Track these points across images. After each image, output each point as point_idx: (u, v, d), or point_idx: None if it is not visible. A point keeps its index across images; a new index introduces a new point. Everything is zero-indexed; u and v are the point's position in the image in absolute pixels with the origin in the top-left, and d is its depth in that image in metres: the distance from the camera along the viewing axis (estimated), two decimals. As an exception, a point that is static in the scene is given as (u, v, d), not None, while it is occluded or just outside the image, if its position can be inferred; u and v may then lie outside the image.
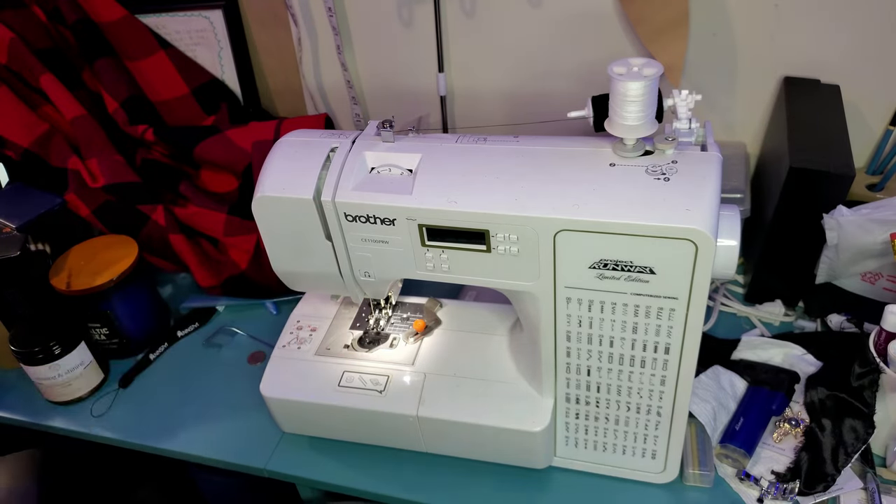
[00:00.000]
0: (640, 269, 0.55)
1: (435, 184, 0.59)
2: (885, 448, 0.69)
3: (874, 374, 0.68)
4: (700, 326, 0.57)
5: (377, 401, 0.71)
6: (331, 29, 1.04)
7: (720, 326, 0.87)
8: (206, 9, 1.10)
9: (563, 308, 0.60)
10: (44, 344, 0.80)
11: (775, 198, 0.78)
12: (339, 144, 0.63)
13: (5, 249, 0.85)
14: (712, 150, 0.56)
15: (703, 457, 0.69)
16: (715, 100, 0.96)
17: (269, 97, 1.20)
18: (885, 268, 0.76)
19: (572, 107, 0.58)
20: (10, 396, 0.88)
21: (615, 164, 0.56)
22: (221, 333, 0.94)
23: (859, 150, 0.85)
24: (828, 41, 0.88)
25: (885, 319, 0.67)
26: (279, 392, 0.73)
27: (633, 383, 0.63)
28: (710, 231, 0.51)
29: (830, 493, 0.66)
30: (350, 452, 0.76)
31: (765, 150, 0.95)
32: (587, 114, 0.58)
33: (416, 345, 0.76)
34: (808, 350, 0.79)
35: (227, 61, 1.14)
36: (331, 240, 0.64)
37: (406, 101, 1.11)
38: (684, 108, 0.56)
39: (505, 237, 0.57)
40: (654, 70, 0.52)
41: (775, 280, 0.86)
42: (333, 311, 0.81)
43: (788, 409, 0.74)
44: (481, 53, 1.03)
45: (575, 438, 0.70)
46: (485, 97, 1.07)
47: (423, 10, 1.01)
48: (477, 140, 0.62)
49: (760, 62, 0.92)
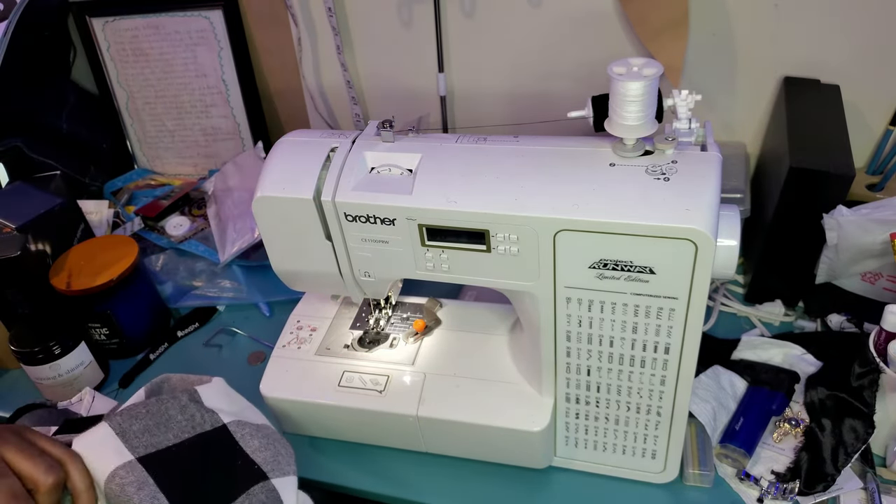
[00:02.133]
0: (640, 269, 0.55)
1: (435, 184, 0.59)
2: (885, 448, 0.69)
3: (874, 374, 0.68)
4: (700, 326, 0.57)
5: (377, 401, 0.71)
6: (331, 29, 1.04)
7: (720, 326, 0.87)
8: (206, 9, 1.10)
9: (563, 308, 0.60)
10: (44, 344, 0.80)
11: (775, 198, 0.78)
12: (339, 144, 0.63)
13: (5, 249, 0.85)
14: (712, 150, 0.56)
15: (703, 457, 0.69)
16: (715, 100, 0.96)
17: (269, 97, 1.20)
18: (885, 268, 0.76)
19: (572, 107, 0.58)
20: (10, 396, 0.88)
21: (615, 164, 0.56)
22: (221, 333, 0.94)
23: (859, 150, 0.85)
24: (828, 41, 0.88)
25: (885, 319, 0.67)
26: (279, 392, 0.73)
27: (633, 383, 0.63)
28: (710, 231, 0.51)
29: (830, 493, 0.66)
30: (350, 452, 0.76)
31: (765, 150, 0.95)
32: (587, 114, 0.58)
33: (416, 345, 0.76)
34: (808, 350, 0.79)
35: (227, 61, 1.14)
36: (331, 240, 0.64)
37: (406, 101, 1.11)
38: (684, 108, 0.56)
39: (505, 237, 0.57)
40: (654, 70, 0.52)
41: (775, 280, 0.86)
42: (333, 311, 0.81)
43: (788, 409, 0.74)
44: (481, 53, 1.03)
45: (575, 438, 0.70)
46: (485, 97, 1.07)
47: (423, 10, 1.01)
48: (477, 140, 0.62)
49: (760, 62, 0.92)
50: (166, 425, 0.56)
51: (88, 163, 1.19)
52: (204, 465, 0.56)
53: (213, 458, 0.57)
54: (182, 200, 1.12)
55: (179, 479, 0.54)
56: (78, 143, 1.18)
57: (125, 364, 0.90)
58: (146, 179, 1.24)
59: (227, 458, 0.57)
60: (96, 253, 0.88)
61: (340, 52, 1.06)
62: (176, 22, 1.12)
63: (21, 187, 0.97)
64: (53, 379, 0.82)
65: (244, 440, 0.58)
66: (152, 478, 0.53)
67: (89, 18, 1.14)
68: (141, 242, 1.05)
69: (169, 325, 0.95)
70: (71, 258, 0.88)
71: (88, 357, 0.85)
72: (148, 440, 0.55)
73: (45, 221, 0.91)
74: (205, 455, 0.57)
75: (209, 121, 1.20)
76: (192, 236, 1.06)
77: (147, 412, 0.56)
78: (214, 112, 1.19)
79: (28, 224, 0.89)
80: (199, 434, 0.57)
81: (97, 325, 0.87)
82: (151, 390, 0.60)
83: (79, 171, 1.17)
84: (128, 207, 1.17)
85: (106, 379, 0.88)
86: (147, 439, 0.55)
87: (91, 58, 1.18)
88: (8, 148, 1.08)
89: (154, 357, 0.91)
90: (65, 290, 0.83)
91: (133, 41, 1.15)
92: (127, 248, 0.89)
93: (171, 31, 1.13)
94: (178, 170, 1.26)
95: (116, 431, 0.55)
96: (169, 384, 0.61)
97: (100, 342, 0.89)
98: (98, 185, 1.21)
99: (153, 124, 1.23)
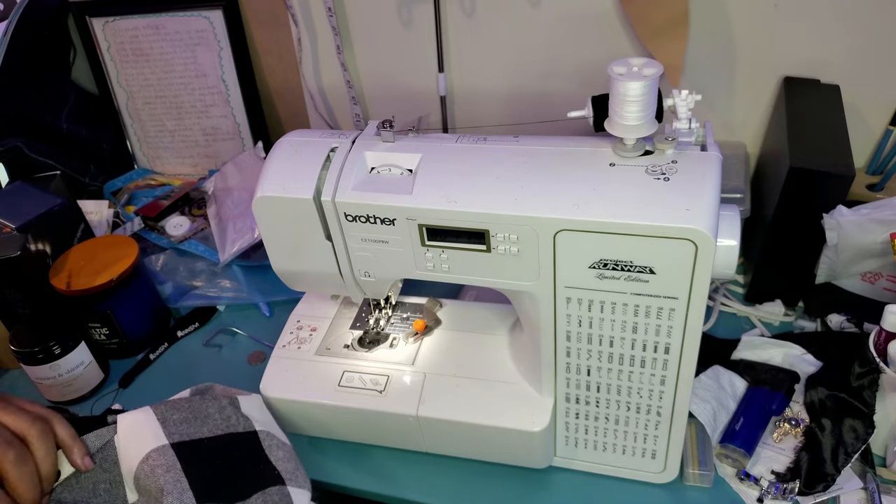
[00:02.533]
0: (640, 269, 0.55)
1: (435, 184, 0.59)
2: (885, 448, 0.69)
3: (874, 373, 0.68)
4: (700, 326, 0.57)
5: (377, 401, 0.71)
6: (331, 29, 1.05)
7: (720, 326, 0.87)
8: (206, 9, 1.10)
9: (563, 308, 0.60)
10: (44, 344, 0.80)
11: (775, 198, 0.78)
12: (339, 144, 0.63)
13: (5, 249, 0.85)
14: (712, 150, 0.56)
15: (703, 457, 0.69)
16: (715, 100, 0.96)
17: (269, 97, 1.20)
18: (885, 268, 0.76)
19: (572, 107, 0.58)
20: (10, 396, 0.88)
21: (615, 163, 0.56)
22: (221, 333, 0.94)
23: (859, 150, 0.85)
24: (828, 41, 0.88)
25: (884, 319, 0.67)
26: (279, 392, 0.73)
27: (633, 383, 0.63)
28: (710, 231, 0.51)
29: (830, 493, 0.66)
30: (350, 452, 0.76)
31: (765, 150, 0.95)
32: (587, 114, 0.58)
33: (416, 345, 0.76)
34: (808, 350, 0.79)
35: (227, 61, 1.14)
36: (331, 240, 0.64)
37: (406, 101, 1.11)
38: (684, 108, 0.56)
39: (505, 237, 0.57)
40: (654, 70, 0.52)
41: (775, 280, 0.86)
42: (333, 311, 0.81)
43: (788, 409, 0.74)
44: (481, 53, 1.03)
45: (575, 438, 0.70)
46: (485, 97, 1.07)
47: (423, 10, 1.01)
48: (477, 140, 0.62)
49: (760, 62, 0.92)
50: (203, 420, 0.61)
51: (88, 163, 1.19)
52: (229, 461, 0.60)
53: (238, 456, 0.61)
54: (182, 200, 1.12)
55: (204, 468, 0.58)
56: (78, 143, 1.18)
57: (125, 364, 0.90)
58: (146, 179, 1.24)
59: (251, 459, 0.62)
60: (96, 253, 0.88)
61: (340, 52, 1.06)
62: (176, 22, 1.12)
63: (21, 187, 0.97)
64: (53, 379, 0.82)
65: (270, 449, 0.63)
66: (180, 463, 0.57)
67: (89, 18, 1.14)
68: (141, 242, 1.05)
69: (169, 325, 0.95)
70: (71, 258, 0.88)
71: (88, 357, 0.85)
72: (184, 430, 0.60)
73: (45, 221, 0.91)
74: (232, 452, 0.61)
75: (209, 121, 1.20)
76: (192, 236, 1.06)
77: (188, 406, 0.62)
78: (214, 112, 1.19)
79: (28, 224, 0.89)
80: (230, 433, 0.62)
81: (97, 325, 0.87)
82: (197, 390, 0.65)
83: (79, 171, 1.17)
84: (128, 207, 1.17)
85: (106, 379, 0.88)
86: (184, 429, 0.60)
87: (91, 58, 1.18)
88: (8, 148, 1.08)
89: (154, 357, 0.91)
90: (65, 290, 0.83)
91: (133, 41, 1.15)
92: (127, 248, 0.89)
93: (171, 31, 1.13)
94: (178, 170, 1.26)
95: (158, 417, 0.60)
96: (213, 391, 0.67)
97: (100, 342, 0.89)
98: (98, 185, 1.21)
99: (153, 124, 1.23)
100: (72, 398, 0.85)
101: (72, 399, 0.85)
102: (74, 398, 0.85)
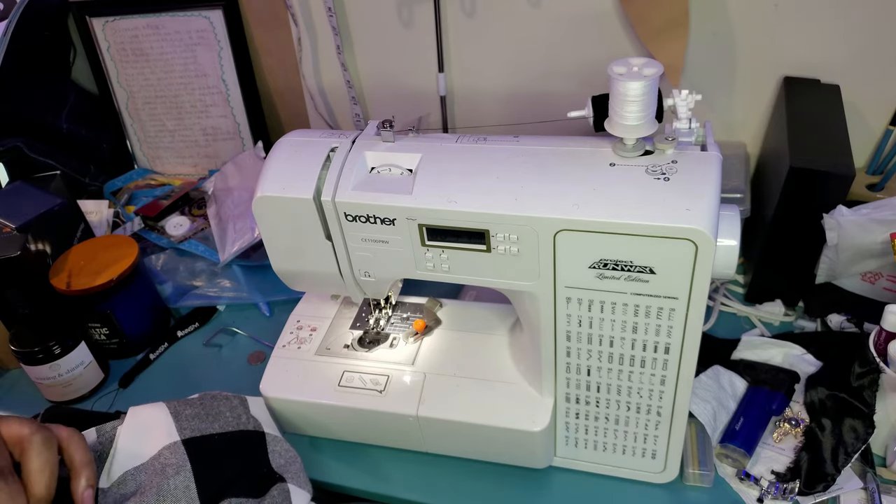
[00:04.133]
0: (640, 269, 0.55)
1: (435, 184, 0.59)
2: (885, 448, 0.69)
3: (874, 373, 0.68)
4: (700, 326, 0.57)
5: (377, 400, 0.71)
6: (331, 29, 1.05)
7: (720, 326, 0.87)
8: (206, 9, 1.10)
9: (563, 308, 0.60)
10: (44, 344, 0.80)
11: (775, 198, 0.78)
12: (339, 144, 0.63)
13: (5, 249, 0.85)
14: (712, 150, 0.56)
15: (703, 457, 0.69)
16: (715, 100, 0.96)
17: (269, 97, 1.20)
18: (885, 268, 0.76)
19: (572, 107, 0.58)
20: (10, 396, 0.88)
21: (615, 163, 0.56)
22: (221, 333, 0.94)
23: (859, 150, 0.85)
24: (828, 41, 0.88)
25: (885, 319, 0.67)
26: (279, 392, 0.73)
27: (633, 383, 0.63)
28: (710, 231, 0.51)
29: (830, 493, 0.66)
30: (350, 452, 0.76)
31: (765, 150, 0.95)
32: (587, 114, 0.58)
33: (416, 345, 0.76)
34: (808, 350, 0.79)
35: (227, 61, 1.14)
36: (331, 240, 0.64)
37: (406, 101, 1.11)
38: (684, 108, 0.56)
39: (505, 237, 0.57)
40: (654, 70, 0.52)
41: (775, 280, 0.86)
42: (333, 311, 0.81)
43: (788, 408, 0.74)
44: (481, 53, 1.03)
45: (575, 438, 0.70)
46: (485, 97, 1.07)
47: (423, 10, 1.01)
48: (477, 140, 0.62)
49: (760, 62, 0.92)
50: (215, 417, 0.64)
51: (88, 163, 1.19)
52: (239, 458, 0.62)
53: (247, 454, 0.63)
54: (182, 200, 1.12)
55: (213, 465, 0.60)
56: (78, 143, 1.18)
57: (125, 364, 0.90)
58: (146, 179, 1.24)
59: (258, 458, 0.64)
60: (96, 253, 0.88)
61: (340, 52, 1.06)
62: (176, 22, 1.12)
63: (21, 187, 0.97)
64: (53, 379, 0.82)
65: (273, 455, 0.65)
66: (190, 462, 0.58)
67: (89, 18, 1.14)
68: (141, 242, 1.05)
69: (169, 325, 0.95)
70: (71, 258, 0.88)
71: (88, 357, 0.85)
72: (196, 425, 0.62)
73: (45, 221, 0.91)
74: (240, 449, 0.63)
75: (209, 121, 1.20)
76: (192, 236, 1.06)
77: (201, 403, 0.64)
78: (214, 112, 1.19)
79: (28, 224, 0.89)
80: (241, 430, 0.64)
81: (97, 325, 0.87)
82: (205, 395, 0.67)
83: (79, 171, 1.17)
84: (128, 207, 1.17)
85: (106, 379, 0.88)
86: (196, 424, 0.62)
87: (91, 58, 1.18)
88: (8, 148, 1.08)
89: (154, 357, 0.91)
90: (65, 290, 0.83)
91: (133, 41, 1.15)
92: (127, 248, 0.89)
93: (171, 31, 1.13)
94: (178, 170, 1.26)
95: (171, 412, 0.62)
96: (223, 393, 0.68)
97: (100, 342, 0.89)
98: (98, 185, 1.21)
99: (153, 124, 1.23)
100: (72, 398, 0.85)
101: (72, 399, 0.85)
102: (74, 398, 0.85)
